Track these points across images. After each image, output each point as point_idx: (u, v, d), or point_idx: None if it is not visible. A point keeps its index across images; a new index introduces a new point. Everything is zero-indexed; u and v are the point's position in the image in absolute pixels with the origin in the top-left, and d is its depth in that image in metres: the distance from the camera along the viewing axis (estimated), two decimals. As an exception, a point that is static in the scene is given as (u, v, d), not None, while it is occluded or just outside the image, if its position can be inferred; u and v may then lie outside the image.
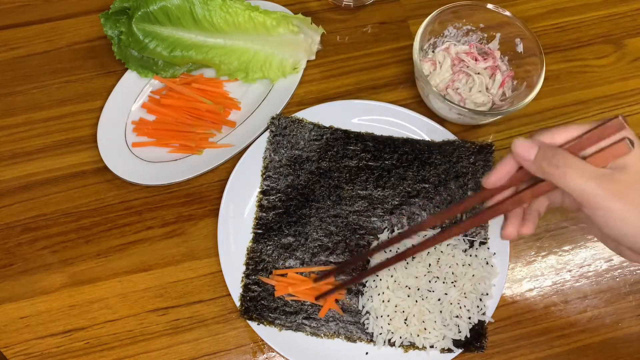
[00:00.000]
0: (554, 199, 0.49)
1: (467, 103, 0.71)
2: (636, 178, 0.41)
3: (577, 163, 0.41)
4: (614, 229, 0.42)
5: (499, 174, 0.46)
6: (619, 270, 0.67)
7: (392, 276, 0.62)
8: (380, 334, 0.61)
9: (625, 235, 0.42)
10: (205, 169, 0.70)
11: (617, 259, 0.68)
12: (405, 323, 0.61)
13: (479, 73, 0.72)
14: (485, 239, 0.66)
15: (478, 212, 0.48)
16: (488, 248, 0.65)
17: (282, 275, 0.64)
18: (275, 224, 0.66)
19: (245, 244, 0.66)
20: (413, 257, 0.63)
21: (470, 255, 0.64)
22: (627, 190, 0.40)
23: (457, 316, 0.61)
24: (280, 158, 0.69)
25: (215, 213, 0.68)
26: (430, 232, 0.63)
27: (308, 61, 0.76)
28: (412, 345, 0.61)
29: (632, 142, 0.41)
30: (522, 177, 0.45)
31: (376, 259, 0.63)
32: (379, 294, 0.62)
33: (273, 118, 0.70)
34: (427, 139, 0.71)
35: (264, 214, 0.67)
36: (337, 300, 0.63)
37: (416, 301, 0.61)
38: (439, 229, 0.63)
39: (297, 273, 0.64)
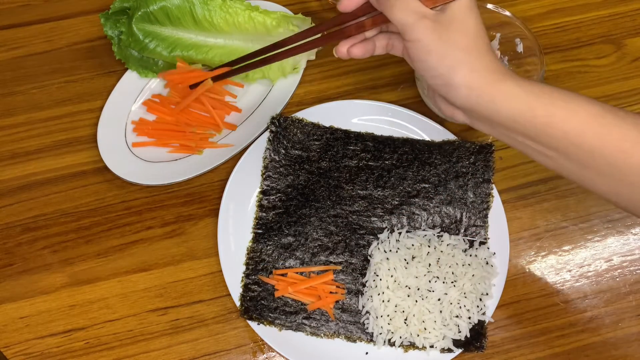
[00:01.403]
0: (395, 43, 0.55)
1: (467, 103, 0.71)
2: (451, 21, 0.46)
3: None
4: (421, 61, 0.48)
5: None
6: (619, 270, 0.67)
7: (392, 276, 0.62)
8: (380, 333, 0.61)
9: (428, 68, 0.48)
10: (205, 169, 0.70)
11: (616, 259, 0.68)
12: (405, 323, 0.61)
13: (479, 73, 0.72)
14: (485, 239, 0.66)
15: (328, 34, 0.55)
16: (488, 248, 0.65)
17: (283, 275, 0.64)
18: (275, 224, 0.67)
19: (245, 244, 0.66)
20: (413, 257, 0.63)
21: (470, 255, 0.64)
22: (440, 28, 0.46)
23: (457, 316, 0.61)
24: (280, 158, 0.69)
25: (215, 213, 0.68)
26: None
27: (308, 61, 0.76)
28: (412, 345, 0.61)
29: None
30: (369, 9, 0.52)
31: None
32: (379, 294, 0.62)
33: (273, 118, 0.70)
34: (427, 139, 0.71)
35: (264, 214, 0.67)
36: (337, 301, 0.63)
37: (416, 301, 0.61)
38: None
39: (297, 273, 0.64)
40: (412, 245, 0.64)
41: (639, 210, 0.48)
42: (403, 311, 0.61)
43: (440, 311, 0.61)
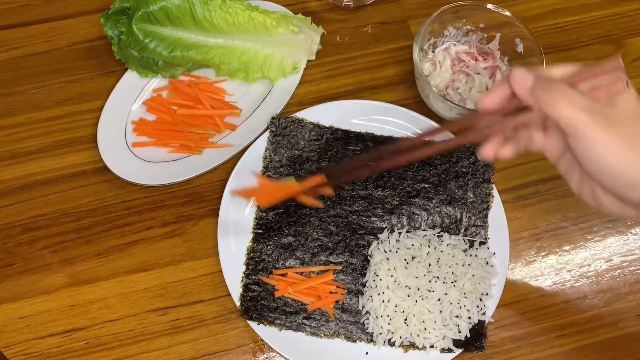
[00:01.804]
0: (535, 139, 0.48)
1: (467, 103, 0.71)
2: (625, 115, 0.42)
3: (571, 93, 0.42)
4: (595, 161, 0.42)
5: (495, 96, 0.46)
6: (619, 270, 0.67)
7: (392, 276, 0.62)
8: (380, 334, 0.61)
9: (605, 168, 0.42)
10: (205, 169, 0.70)
11: (616, 259, 0.68)
12: (405, 323, 0.61)
13: (479, 73, 0.72)
14: (485, 239, 0.66)
15: (464, 134, 0.49)
16: (488, 248, 0.65)
17: (283, 275, 0.64)
18: (275, 224, 0.67)
19: (245, 244, 0.66)
20: (413, 257, 0.63)
21: (470, 255, 0.64)
22: (615, 123, 0.41)
23: (457, 316, 0.61)
24: (280, 158, 0.69)
25: (215, 213, 0.68)
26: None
27: (308, 61, 0.76)
28: (412, 345, 0.61)
29: (627, 83, 0.42)
30: (512, 107, 0.46)
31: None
32: (379, 294, 0.62)
33: (273, 118, 0.70)
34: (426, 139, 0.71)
35: (264, 214, 0.67)
36: (337, 301, 0.63)
37: (416, 301, 0.61)
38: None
39: (297, 273, 0.64)
40: (412, 245, 0.64)
41: None
42: (403, 311, 0.61)
43: (440, 311, 0.61)
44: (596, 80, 0.43)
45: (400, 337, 0.61)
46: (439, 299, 0.61)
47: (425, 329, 0.60)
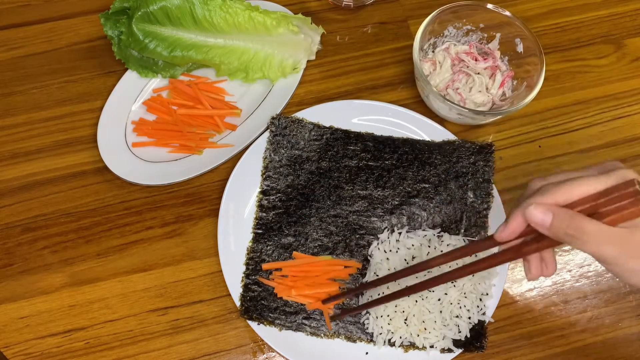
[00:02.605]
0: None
1: (467, 103, 0.71)
2: None
3: (594, 229, 0.42)
4: (632, 282, 0.45)
5: (511, 230, 0.46)
6: (619, 270, 0.67)
7: (392, 276, 0.62)
8: (380, 334, 0.61)
9: (638, 285, 0.45)
10: (205, 169, 0.70)
11: (617, 259, 0.68)
12: (405, 323, 0.61)
13: (479, 73, 0.72)
14: (485, 239, 0.66)
15: (486, 258, 0.49)
16: (488, 248, 0.65)
17: (277, 269, 0.64)
18: (275, 224, 0.66)
19: (245, 244, 0.66)
20: (413, 257, 0.63)
21: (471, 256, 0.64)
22: None
23: (457, 316, 0.61)
24: (280, 158, 0.69)
25: (215, 213, 0.68)
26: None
27: (308, 61, 0.76)
28: (412, 345, 0.61)
29: None
30: (531, 231, 0.45)
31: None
32: (379, 294, 0.62)
33: (273, 118, 0.70)
34: (427, 139, 0.71)
35: (264, 214, 0.67)
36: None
37: (416, 301, 0.61)
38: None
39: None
40: (412, 245, 0.64)
41: None
42: (403, 311, 0.61)
43: (441, 311, 0.61)
44: (614, 203, 0.42)
45: (400, 337, 0.61)
46: (439, 299, 0.61)
47: (425, 329, 0.60)
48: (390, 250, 0.64)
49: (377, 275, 0.62)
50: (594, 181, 0.43)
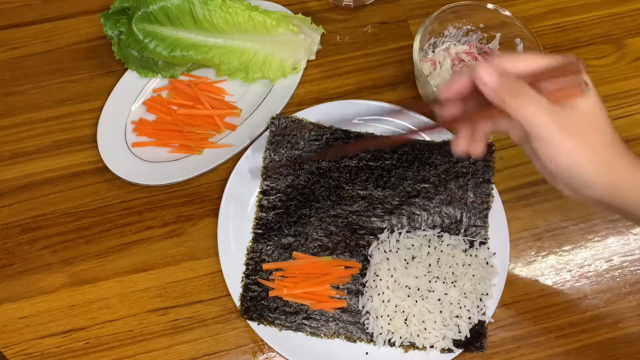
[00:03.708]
0: (500, 124, 0.49)
1: (467, 103, 0.71)
2: (583, 119, 0.44)
3: (534, 96, 0.43)
4: (555, 162, 0.45)
5: (456, 87, 0.47)
6: (619, 270, 0.67)
7: (392, 276, 0.62)
8: (380, 334, 0.61)
9: (561, 169, 0.45)
10: (205, 169, 0.70)
11: (617, 259, 0.68)
12: (405, 323, 0.61)
13: (479, 73, 0.72)
14: (486, 239, 0.66)
15: (429, 125, 0.52)
16: (488, 248, 0.65)
17: (278, 269, 0.64)
18: (275, 224, 0.66)
19: (245, 244, 0.66)
20: (413, 257, 0.63)
21: (470, 255, 0.64)
22: (573, 128, 0.44)
23: (457, 316, 0.61)
24: (280, 158, 0.69)
25: (215, 213, 0.68)
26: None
27: (308, 61, 0.76)
28: (412, 345, 0.61)
29: (587, 85, 0.44)
30: (472, 96, 0.47)
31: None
32: (379, 294, 0.62)
33: (273, 118, 0.70)
34: (427, 139, 0.71)
35: (264, 214, 0.67)
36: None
37: (416, 301, 0.61)
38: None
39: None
40: (412, 245, 0.64)
41: None
42: (403, 311, 0.61)
43: (441, 311, 0.61)
44: (558, 81, 0.44)
45: (400, 337, 0.61)
46: (439, 299, 0.61)
47: (425, 329, 0.60)
48: (390, 250, 0.64)
49: (377, 275, 0.63)
50: (542, 58, 0.45)
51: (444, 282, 0.62)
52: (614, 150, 0.46)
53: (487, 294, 0.62)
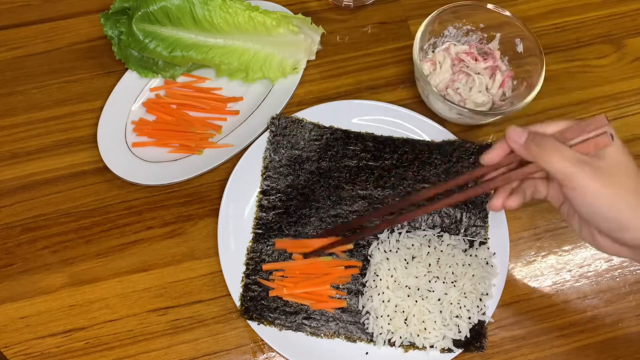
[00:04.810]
0: (539, 189, 0.54)
1: (467, 103, 0.71)
2: (612, 165, 0.47)
3: (561, 147, 0.47)
4: (588, 206, 0.47)
5: (495, 153, 0.52)
6: (619, 270, 0.67)
7: (392, 276, 0.62)
8: (380, 334, 0.61)
9: (597, 213, 0.47)
10: (205, 169, 0.70)
11: (617, 259, 0.68)
12: (405, 323, 0.61)
13: (479, 73, 0.72)
14: (486, 239, 0.66)
15: (471, 187, 0.54)
16: (488, 248, 0.65)
17: (278, 270, 0.64)
18: (275, 224, 0.66)
19: (245, 244, 0.66)
20: (413, 257, 0.63)
21: (470, 255, 0.64)
22: (602, 173, 0.46)
23: (457, 316, 0.61)
24: (280, 158, 0.69)
25: (215, 213, 0.68)
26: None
27: (308, 61, 0.76)
28: (412, 345, 0.61)
29: (612, 136, 0.47)
30: (512, 160, 0.51)
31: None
32: (379, 294, 0.62)
33: (273, 118, 0.70)
34: (427, 139, 0.71)
35: (264, 214, 0.67)
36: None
37: (416, 301, 0.61)
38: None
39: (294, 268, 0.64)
40: (412, 245, 0.64)
41: None
42: (403, 311, 0.61)
43: (440, 311, 0.61)
44: (584, 135, 0.47)
45: (400, 337, 0.61)
46: (439, 299, 0.61)
47: (425, 329, 0.60)
48: (390, 250, 0.64)
49: (377, 275, 0.63)
50: (568, 122, 0.49)
51: (443, 282, 0.62)
52: None
53: (487, 294, 0.62)
